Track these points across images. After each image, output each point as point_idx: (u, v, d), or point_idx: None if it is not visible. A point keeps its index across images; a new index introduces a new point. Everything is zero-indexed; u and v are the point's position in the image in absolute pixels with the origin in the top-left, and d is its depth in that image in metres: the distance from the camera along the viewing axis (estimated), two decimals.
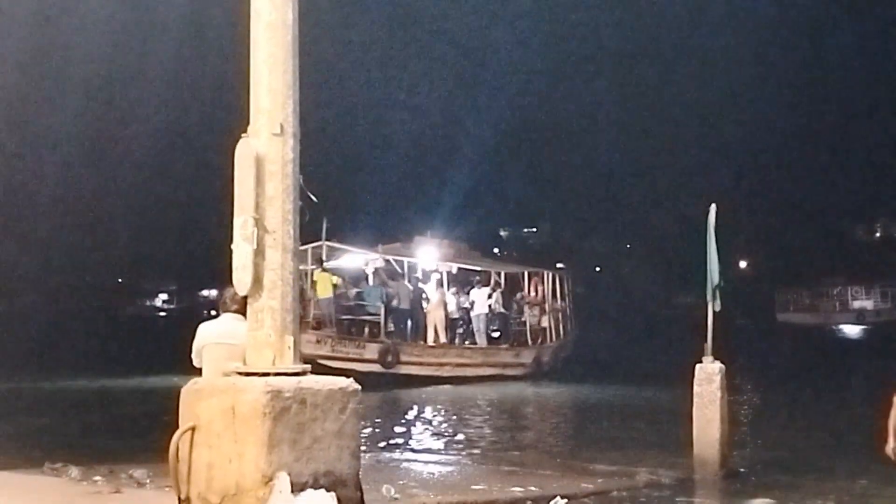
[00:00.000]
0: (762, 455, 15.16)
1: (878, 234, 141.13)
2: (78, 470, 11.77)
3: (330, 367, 20.21)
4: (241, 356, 6.68)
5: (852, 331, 72.54)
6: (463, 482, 12.45)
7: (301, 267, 27.79)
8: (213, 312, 8.37)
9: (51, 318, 60.14)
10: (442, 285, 29.19)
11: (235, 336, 7.32)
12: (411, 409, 21.97)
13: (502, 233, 48.36)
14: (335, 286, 26.80)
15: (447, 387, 25.96)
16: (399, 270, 29.18)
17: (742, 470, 13.55)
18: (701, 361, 13.46)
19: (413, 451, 15.98)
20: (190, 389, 6.73)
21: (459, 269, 30.46)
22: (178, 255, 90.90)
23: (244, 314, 7.00)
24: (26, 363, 28.90)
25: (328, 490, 6.21)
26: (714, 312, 13.96)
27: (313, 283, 26.63)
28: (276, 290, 6.57)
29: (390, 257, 29.43)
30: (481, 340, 29.08)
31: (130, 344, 40.60)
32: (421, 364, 27.07)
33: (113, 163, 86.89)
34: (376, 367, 25.73)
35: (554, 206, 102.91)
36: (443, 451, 15.96)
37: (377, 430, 17.55)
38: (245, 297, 6.69)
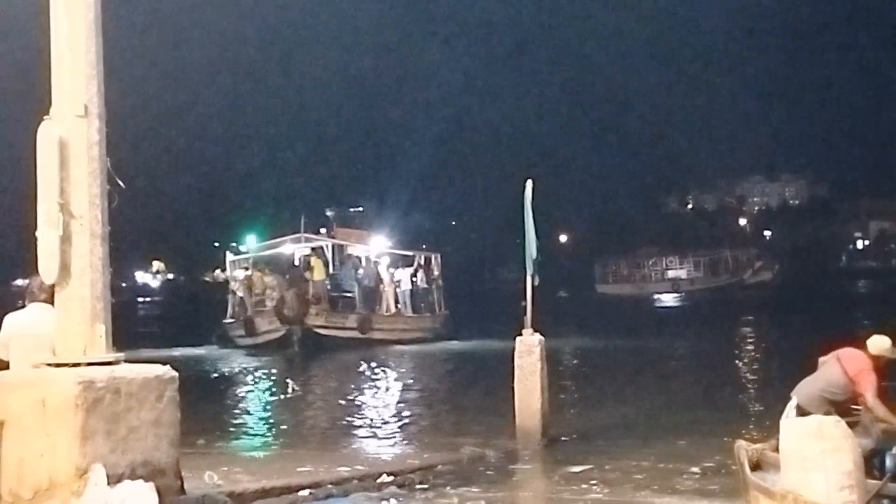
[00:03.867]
0: (584, 422, 15.55)
1: (690, 206, 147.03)
2: None
3: (324, 335, 31.15)
4: (50, 347, 6.47)
5: (668, 299, 75.30)
6: (289, 465, 12.39)
7: (304, 255, 31.50)
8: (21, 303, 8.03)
9: None
10: (390, 268, 35.65)
11: (43, 326, 7.07)
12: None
13: (329, 213, 48.09)
14: (326, 269, 33.50)
15: (396, 347, 31.72)
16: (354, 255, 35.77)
17: (564, 438, 13.85)
18: (521, 334, 13.71)
19: (249, 435, 15.78)
20: None
21: (392, 252, 37.45)
22: None
23: (52, 303, 6.78)
24: None
25: (146, 480, 6.10)
26: (533, 286, 14.23)
27: (311, 268, 32.82)
28: (86, 278, 6.39)
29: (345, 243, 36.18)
30: (406, 310, 35.43)
31: None
32: (383, 330, 33.42)
33: None
34: (356, 334, 32.17)
35: (378, 185, 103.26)
36: (268, 436, 15.84)
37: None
38: (53, 286, 6.48)
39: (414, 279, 36.22)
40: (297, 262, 35.01)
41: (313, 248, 34.81)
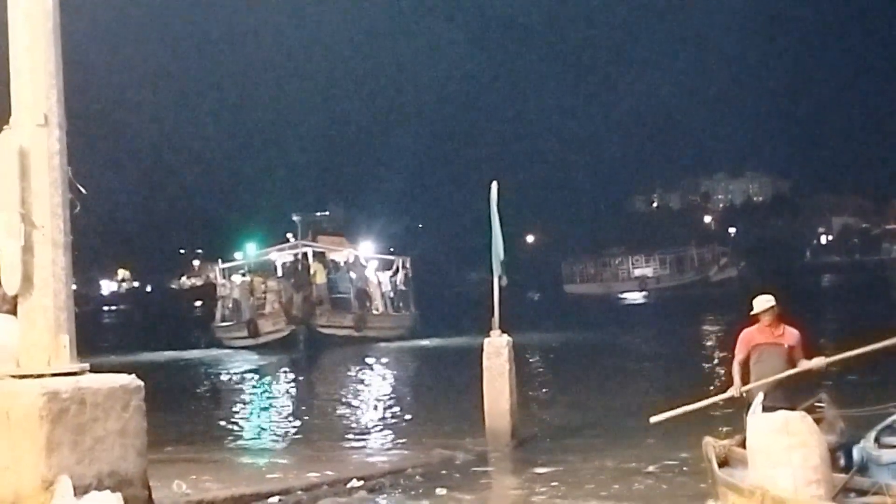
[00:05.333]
0: (554, 422, 15.61)
1: (655, 205, 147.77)
2: None
3: (326, 333, 34.16)
4: (12, 359, 6.40)
5: (635, 297, 75.62)
6: (259, 472, 12.34)
7: (303, 261, 34.37)
8: None
9: None
10: (378, 271, 39.46)
11: (7, 337, 6.99)
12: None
13: (295, 217, 48.33)
14: (327, 274, 36.84)
15: (383, 343, 34.61)
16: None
17: (533, 439, 13.89)
18: (489, 335, 13.71)
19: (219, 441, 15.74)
20: None
21: (376, 257, 41.64)
22: None
23: (16, 314, 6.72)
24: None
25: (114, 491, 6.07)
26: (500, 287, 14.23)
27: (314, 273, 36.08)
28: (48, 288, 6.34)
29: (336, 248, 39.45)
30: (388, 310, 38.73)
31: None
32: (374, 328, 36.48)
33: None
34: (352, 332, 35.23)
35: (344, 188, 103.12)
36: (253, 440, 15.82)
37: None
38: (15, 297, 6.42)
39: (393, 280, 39.68)
40: (299, 267, 37.55)
41: (315, 254, 37.89)
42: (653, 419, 10.39)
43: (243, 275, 39.49)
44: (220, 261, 43.52)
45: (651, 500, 9.99)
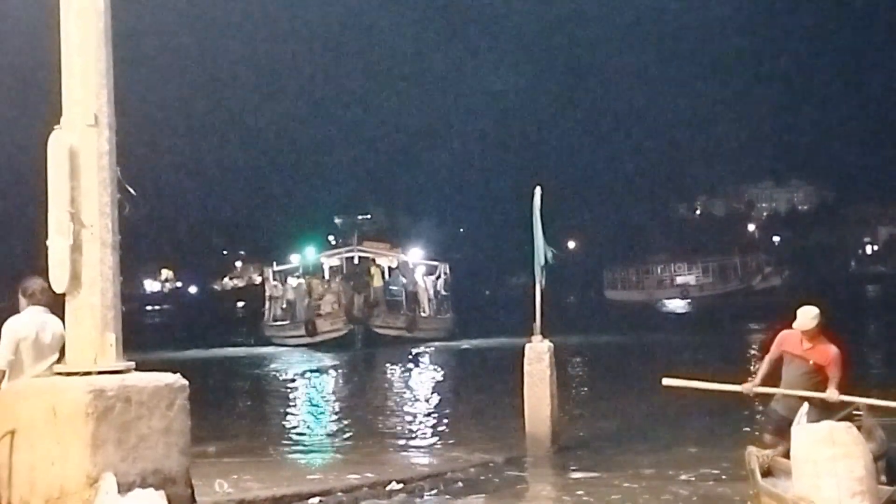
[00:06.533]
0: (594, 429, 15.51)
1: (698, 212, 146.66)
2: None
3: (381, 333, 36.55)
4: (53, 353, 6.46)
5: (677, 305, 75.10)
6: (300, 473, 12.40)
7: (360, 265, 37.78)
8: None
9: None
10: (424, 276, 41.77)
11: (47, 331, 7.05)
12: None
13: (337, 220, 48.91)
14: (384, 277, 39.80)
15: (428, 344, 36.38)
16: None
17: (573, 445, 13.82)
18: (530, 340, 13.69)
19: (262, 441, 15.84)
20: (8, 391, 6.52)
21: (423, 262, 43.82)
22: None
23: (51, 308, 6.81)
24: None
25: (157, 489, 6.09)
26: (542, 292, 14.19)
27: (371, 275, 39.02)
28: (96, 287, 6.39)
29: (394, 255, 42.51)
30: (432, 313, 40.90)
31: None
32: (423, 329, 38.60)
33: None
34: (405, 333, 37.53)
35: (386, 193, 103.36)
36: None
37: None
38: (56, 293, 6.47)
39: (435, 284, 42.10)
40: (357, 270, 40.75)
41: (373, 259, 41.13)
42: (665, 381, 10.29)
43: (298, 277, 42.03)
44: (274, 264, 46.44)
45: None
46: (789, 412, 9.16)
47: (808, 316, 9.23)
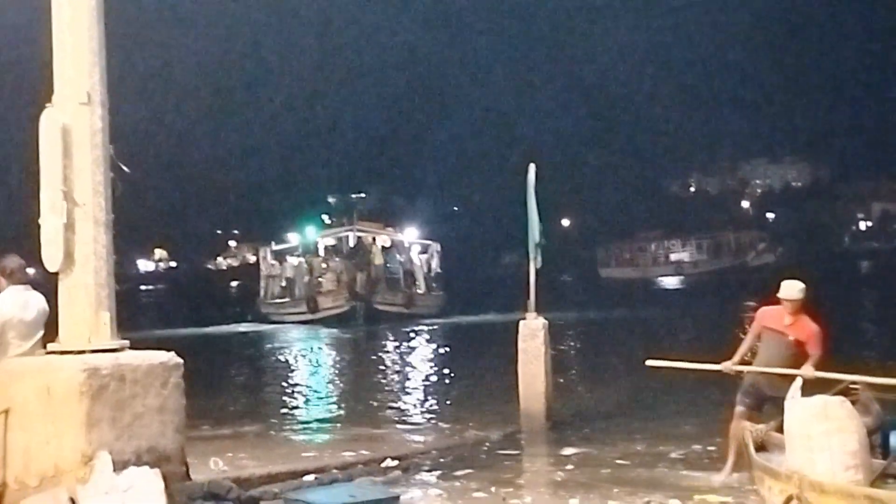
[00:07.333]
0: (588, 405, 15.55)
1: (692, 189, 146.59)
2: None
3: (381, 310, 38.03)
4: (36, 330, 6.43)
5: (671, 282, 75.19)
6: (295, 450, 12.42)
7: (368, 244, 37.55)
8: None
9: None
10: (419, 254, 43.78)
11: (30, 310, 6.97)
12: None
13: (331, 199, 48.93)
14: (384, 256, 40.95)
15: (424, 320, 37.63)
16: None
17: (567, 421, 13.84)
18: (524, 317, 13.68)
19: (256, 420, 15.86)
20: (1, 371, 6.49)
21: (416, 242, 45.42)
22: None
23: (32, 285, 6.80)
24: None
25: (152, 466, 6.12)
26: (536, 270, 14.16)
27: (373, 254, 40.14)
28: (89, 266, 6.38)
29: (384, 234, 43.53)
30: (423, 290, 42.27)
31: None
32: (419, 306, 40.37)
33: None
34: (403, 310, 39.09)
35: (380, 172, 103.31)
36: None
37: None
38: (49, 272, 6.44)
39: (428, 262, 43.77)
40: (357, 249, 41.52)
41: (373, 238, 42.09)
42: (648, 362, 10.34)
43: (298, 256, 43.17)
44: (272, 244, 47.58)
45: (671, 486, 9.88)
46: (770, 388, 9.19)
47: (794, 287, 9.29)
